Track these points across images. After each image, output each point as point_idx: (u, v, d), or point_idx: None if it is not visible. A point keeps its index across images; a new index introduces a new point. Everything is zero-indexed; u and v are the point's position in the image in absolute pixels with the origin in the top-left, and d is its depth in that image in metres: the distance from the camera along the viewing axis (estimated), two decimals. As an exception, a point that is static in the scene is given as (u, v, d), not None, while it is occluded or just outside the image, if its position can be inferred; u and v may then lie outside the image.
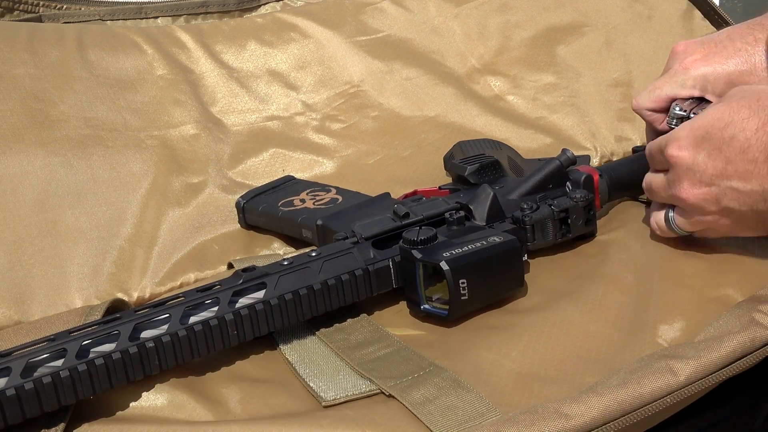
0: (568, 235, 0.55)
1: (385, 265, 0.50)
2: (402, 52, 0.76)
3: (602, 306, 0.49)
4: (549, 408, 0.38)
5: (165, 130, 0.67)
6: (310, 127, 0.71)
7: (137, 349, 0.43)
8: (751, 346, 0.41)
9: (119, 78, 0.67)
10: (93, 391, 0.42)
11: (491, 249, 0.49)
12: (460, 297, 0.47)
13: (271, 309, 0.47)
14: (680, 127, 0.49)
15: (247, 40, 0.73)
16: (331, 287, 0.49)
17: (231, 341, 0.46)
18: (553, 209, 0.54)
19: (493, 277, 0.49)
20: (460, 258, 0.48)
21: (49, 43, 0.66)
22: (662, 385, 0.39)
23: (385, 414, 0.41)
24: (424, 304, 0.49)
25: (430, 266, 0.48)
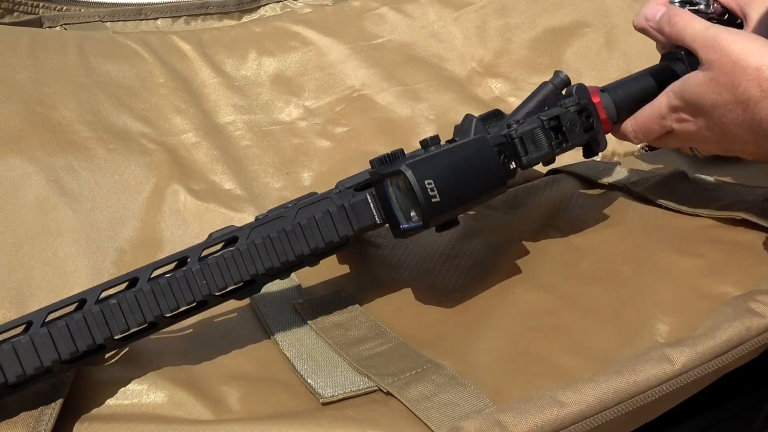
0: (564, 145, 0.52)
1: (362, 199, 0.49)
2: (402, 56, 0.76)
3: (600, 304, 0.49)
4: (544, 396, 0.38)
5: (166, 136, 0.67)
6: (312, 132, 0.71)
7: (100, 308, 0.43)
8: (746, 335, 0.41)
9: (120, 85, 0.68)
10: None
11: (456, 148, 0.47)
12: (430, 200, 0.46)
13: (241, 255, 0.45)
14: (672, 95, 0.53)
15: (247, 50, 0.74)
16: (304, 227, 0.47)
17: (202, 291, 0.45)
18: (542, 119, 0.52)
19: (465, 176, 0.47)
20: (422, 161, 0.46)
21: (51, 49, 0.66)
22: (658, 372, 0.39)
23: (385, 413, 0.41)
24: (403, 223, 0.47)
25: (398, 180, 0.47)
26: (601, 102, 0.55)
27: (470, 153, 0.47)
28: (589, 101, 0.54)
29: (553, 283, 0.52)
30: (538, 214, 0.62)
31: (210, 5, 0.79)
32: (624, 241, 0.56)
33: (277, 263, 0.47)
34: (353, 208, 0.48)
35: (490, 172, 0.48)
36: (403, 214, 0.47)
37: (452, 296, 0.53)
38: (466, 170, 0.47)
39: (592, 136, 0.54)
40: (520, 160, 0.51)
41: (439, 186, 0.46)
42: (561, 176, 0.67)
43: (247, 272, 0.46)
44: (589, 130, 0.53)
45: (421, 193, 0.46)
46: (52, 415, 0.42)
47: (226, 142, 0.69)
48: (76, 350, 0.43)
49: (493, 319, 0.49)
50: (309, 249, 0.47)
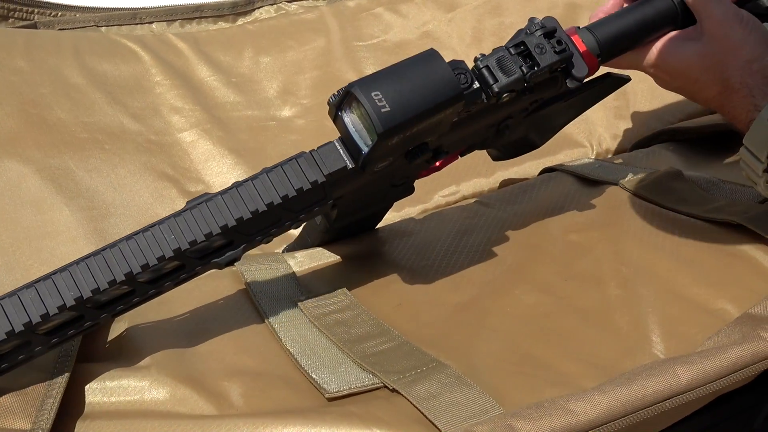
0: (536, 68, 0.51)
1: (329, 144, 0.48)
2: (397, 56, 0.76)
3: (599, 308, 0.49)
4: (555, 404, 0.39)
5: (163, 135, 0.67)
6: (309, 129, 0.72)
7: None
8: (752, 359, 0.42)
9: (116, 84, 0.68)
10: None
11: (403, 61, 0.47)
12: (380, 110, 0.45)
13: (208, 208, 0.45)
14: (657, 52, 0.55)
15: (244, 48, 0.74)
16: (271, 175, 0.47)
17: (171, 246, 0.44)
18: (506, 46, 0.51)
19: (413, 84, 0.46)
20: (368, 77, 0.46)
21: (46, 50, 0.67)
22: (664, 388, 0.40)
23: (388, 410, 0.42)
24: (363, 148, 0.47)
25: (350, 104, 0.46)
26: (578, 36, 0.55)
27: (418, 63, 0.46)
28: (557, 27, 0.53)
29: (552, 283, 0.52)
30: (534, 211, 0.62)
31: (205, 8, 0.79)
32: (621, 241, 0.56)
33: (248, 214, 0.46)
34: (321, 154, 0.48)
35: (441, 80, 0.46)
36: (362, 139, 0.47)
37: (451, 294, 0.53)
38: (414, 79, 0.46)
39: (566, 57, 0.52)
40: (490, 87, 0.50)
41: (387, 96, 0.45)
42: (556, 174, 0.67)
43: (217, 225, 0.45)
44: (561, 53, 0.52)
45: (369, 104, 0.45)
46: (54, 401, 0.42)
47: (223, 140, 0.69)
48: (47, 313, 0.42)
49: (493, 321, 0.50)
50: (279, 198, 0.47)
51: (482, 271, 0.55)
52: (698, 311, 0.48)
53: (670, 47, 0.54)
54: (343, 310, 0.50)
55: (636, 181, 0.62)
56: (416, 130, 0.47)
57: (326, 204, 0.49)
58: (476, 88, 0.49)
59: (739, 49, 0.51)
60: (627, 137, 0.75)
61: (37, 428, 0.41)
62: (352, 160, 0.48)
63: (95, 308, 0.45)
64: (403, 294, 0.54)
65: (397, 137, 0.46)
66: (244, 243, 0.47)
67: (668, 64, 0.55)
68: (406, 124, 0.46)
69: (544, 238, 0.58)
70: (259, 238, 0.48)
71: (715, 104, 0.54)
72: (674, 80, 0.55)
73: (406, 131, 0.47)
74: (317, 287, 0.54)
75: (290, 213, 0.48)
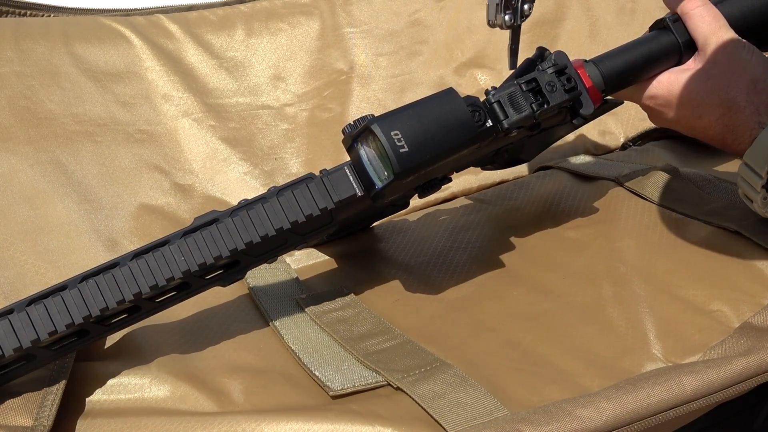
0: (546, 106, 0.51)
1: (340, 171, 0.48)
2: (388, 44, 0.76)
3: (598, 308, 0.50)
4: (562, 409, 0.39)
5: (153, 125, 0.66)
6: (300, 117, 0.71)
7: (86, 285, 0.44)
8: (756, 370, 0.42)
9: (107, 71, 0.66)
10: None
11: (423, 100, 0.47)
12: (399, 150, 0.45)
13: (219, 231, 0.45)
14: (658, 84, 0.56)
15: (234, 29, 0.73)
16: (282, 200, 0.47)
17: (180, 268, 0.45)
18: (518, 82, 0.51)
19: (432, 125, 0.46)
20: (388, 114, 0.47)
21: (35, 38, 0.65)
22: (670, 396, 0.40)
23: (390, 408, 0.42)
24: (378, 183, 0.47)
25: (368, 138, 0.47)
26: (585, 70, 0.55)
27: (437, 103, 0.47)
28: (568, 64, 0.54)
29: (550, 281, 0.53)
30: (531, 207, 0.63)
31: (197, 8, 0.78)
32: (618, 239, 0.57)
33: (257, 238, 0.46)
34: (331, 180, 0.48)
35: (458, 121, 0.47)
36: (377, 174, 0.47)
37: (449, 290, 0.54)
38: (433, 119, 0.47)
39: (575, 96, 0.53)
40: (501, 123, 0.50)
41: (407, 136, 0.46)
42: (551, 171, 0.68)
43: (226, 248, 0.46)
44: (570, 91, 0.53)
45: (388, 143, 0.45)
46: (55, 398, 0.42)
47: (215, 129, 0.68)
48: (55, 330, 0.42)
49: (491, 318, 0.50)
50: (289, 223, 0.47)
51: (479, 268, 0.56)
52: (694, 312, 0.49)
53: (672, 77, 0.56)
54: (344, 308, 0.51)
55: (633, 177, 0.63)
56: (431, 169, 0.48)
57: (332, 227, 0.50)
58: (489, 127, 0.50)
59: (744, 70, 0.53)
60: (617, 134, 0.76)
61: (38, 425, 0.41)
62: (362, 189, 0.49)
63: (100, 324, 0.45)
64: (401, 290, 0.54)
65: (412, 176, 0.47)
66: (249, 263, 0.48)
67: (670, 92, 0.55)
68: (423, 165, 0.47)
69: (540, 235, 0.59)
70: (265, 258, 0.48)
71: (716, 128, 0.54)
72: (673, 109, 0.55)
73: (422, 171, 0.47)
74: (317, 285, 0.55)
75: (297, 236, 0.49)
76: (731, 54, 0.53)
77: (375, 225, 0.62)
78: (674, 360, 0.45)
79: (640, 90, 0.57)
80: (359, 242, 0.60)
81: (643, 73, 0.57)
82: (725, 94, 0.53)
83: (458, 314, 0.51)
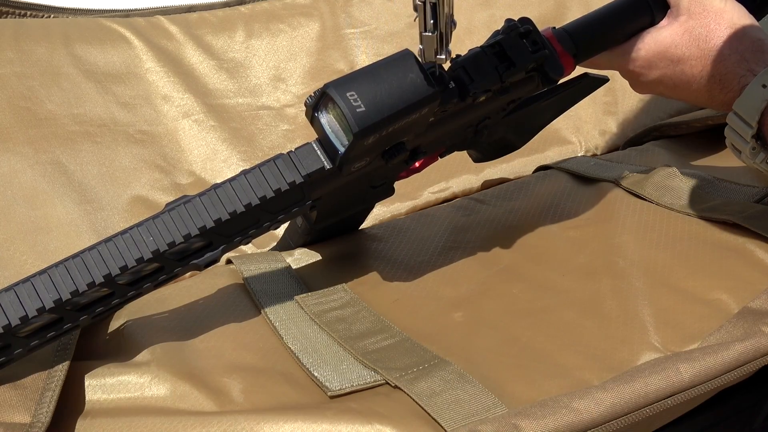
0: (513, 68, 0.51)
1: (306, 145, 0.48)
2: (388, 45, 0.77)
3: (596, 302, 0.50)
4: (559, 402, 0.39)
5: (154, 125, 0.67)
6: (300, 118, 0.71)
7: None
8: (754, 354, 0.42)
9: (107, 72, 0.67)
10: None
11: (377, 62, 0.47)
12: (355, 110, 0.45)
13: (187, 210, 0.45)
14: (635, 45, 0.54)
15: (235, 31, 0.73)
16: (249, 176, 0.47)
17: (149, 248, 0.44)
18: (482, 47, 0.51)
19: (387, 84, 0.46)
20: (343, 78, 0.46)
21: (35, 39, 0.65)
22: (667, 385, 0.40)
23: (389, 406, 0.42)
24: (339, 148, 0.47)
25: (326, 104, 0.46)
26: (553, 35, 0.55)
27: (392, 64, 0.47)
28: (533, 27, 0.53)
29: (549, 279, 0.53)
30: (530, 208, 0.63)
31: (197, 9, 0.78)
32: (617, 237, 0.57)
33: (225, 215, 0.46)
34: (298, 155, 0.48)
35: (414, 80, 0.47)
36: (338, 139, 0.47)
37: (448, 289, 0.54)
38: (388, 79, 0.46)
39: (541, 57, 0.52)
40: (467, 87, 0.50)
41: (362, 95, 0.45)
42: (551, 171, 0.68)
43: (195, 226, 0.45)
44: (536, 53, 0.52)
45: (344, 104, 0.45)
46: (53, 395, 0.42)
47: (215, 129, 0.69)
48: (26, 315, 0.42)
49: (491, 316, 0.50)
50: (257, 198, 0.47)
51: (479, 267, 0.56)
52: (694, 302, 0.48)
53: (648, 36, 0.54)
54: (344, 307, 0.51)
55: (632, 178, 0.63)
56: (392, 130, 0.47)
57: (305, 205, 0.49)
58: (451, 88, 0.49)
59: (720, 17, 0.51)
60: (616, 134, 0.76)
61: (36, 421, 0.41)
62: (330, 160, 0.48)
63: (74, 310, 0.45)
64: (401, 290, 0.54)
65: (372, 137, 0.47)
66: (223, 244, 0.48)
67: (648, 51, 0.54)
68: (382, 124, 0.46)
69: (540, 234, 0.58)
70: (238, 239, 0.48)
71: (701, 82, 0.52)
72: (654, 69, 0.54)
73: (381, 131, 0.47)
74: (316, 284, 0.55)
75: (269, 214, 0.48)
76: (704, 3, 0.52)
77: (375, 225, 0.63)
78: (673, 349, 0.45)
79: (616, 55, 0.56)
80: (359, 242, 0.60)
81: (614, 34, 0.56)
82: (705, 44, 0.51)
83: (457, 312, 0.51)
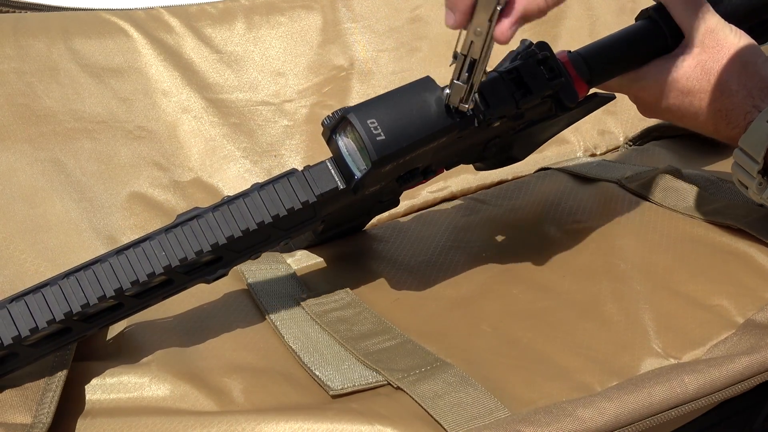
0: (529, 96, 0.51)
1: (321, 164, 0.48)
2: (389, 39, 0.76)
3: (597, 305, 0.50)
4: (564, 410, 0.40)
5: (153, 122, 0.66)
6: (300, 114, 0.71)
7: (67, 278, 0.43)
8: (759, 369, 0.42)
9: (106, 67, 0.66)
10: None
11: (399, 89, 0.47)
12: (375, 138, 0.45)
13: (199, 226, 0.45)
14: (646, 73, 0.55)
15: (235, 23, 0.73)
16: (263, 193, 0.47)
17: (161, 263, 0.44)
18: (500, 71, 0.51)
19: (409, 113, 0.46)
20: (365, 103, 0.46)
21: (34, 34, 0.65)
22: (672, 396, 0.40)
23: (390, 407, 0.42)
24: (357, 173, 0.47)
25: (346, 129, 0.46)
26: (568, 60, 0.55)
27: (413, 91, 0.47)
28: (550, 54, 0.53)
29: (549, 279, 0.53)
30: (531, 208, 0.63)
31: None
32: (618, 238, 0.57)
33: (238, 232, 0.46)
34: (312, 174, 0.48)
35: (435, 109, 0.47)
36: (356, 164, 0.47)
37: (449, 289, 0.54)
38: (409, 108, 0.46)
39: (557, 85, 0.52)
40: (482, 112, 0.50)
41: (383, 124, 0.45)
42: (552, 172, 0.67)
43: (207, 242, 0.45)
44: (553, 80, 0.52)
45: (365, 132, 0.45)
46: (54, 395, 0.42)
47: (214, 125, 0.68)
48: (36, 327, 0.42)
49: (491, 316, 0.50)
50: (270, 217, 0.47)
51: (479, 267, 0.56)
52: (695, 307, 0.49)
53: (660, 65, 0.55)
54: (345, 308, 0.51)
55: (634, 178, 0.63)
56: (410, 158, 0.48)
57: (315, 222, 0.50)
58: (470, 116, 0.49)
59: (734, 53, 0.52)
60: (615, 134, 0.76)
61: (37, 422, 0.41)
62: (344, 181, 0.48)
63: (83, 321, 0.45)
64: (401, 290, 0.54)
65: (390, 165, 0.47)
66: (233, 259, 0.48)
67: (658, 80, 0.54)
68: (400, 153, 0.47)
69: (541, 234, 0.59)
70: (248, 254, 0.48)
71: (708, 114, 0.53)
72: (663, 98, 0.55)
73: (399, 159, 0.47)
74: (317, 285, 0.55)
75: (280, 231, 0.48)
76: (719, 37, 0.52)
77: (375, 226, 0.63)
78: (674, 354, 0.45)
79: (628, 80, 0.56)
80: (359, 242, 0.60)
81: (629, 61, 0.56)
82: (715, 79, 0.52)
83: (458, 313, 0.51)
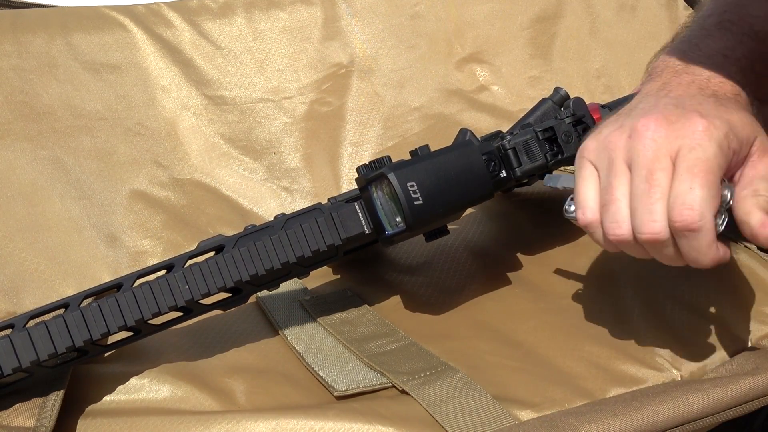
0: (560, 156, 0.52)
1: (350, 208, 0.48)
2: (389, 37, 0.76)
3: (600, 310, 0.50)
4: (569, 424, 0.40)
5: (153, 120, 0.66)
6: (298, 111, 0.71)
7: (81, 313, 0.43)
8: (763, 391, 0.43)
9: (105, 63, 0.66)
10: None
11: (441, 153, 0.47)
12: (413, 202, 0.46)
13: (225, 262, 0.46)
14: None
15: (235, 18, 0.72)
16: (290, 234, 0.47)
17: (184, 297, 0.45)
18: (535, 129, 0.51)
19: (448, 179, 0.47)
20: (405, 164, 0.47)
21: (33, 30, 0.64)
22: (677, 414, 0.41)
23: (392, 409, 0.42)
24: (388, 229, 0.47)
25: (383, 185, 0.47)
26: (601, 118, 0.55)
27: (454, 157, 0.47)
28: (586, 114, 0.53)
29: (552, 282, 0.53)
30: (533, 208, 0.63)
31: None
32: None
33: (262, 270, 0.46)
34: (341, 216, 0.48)
35: (475, 178, 0.48)
36: (388, 219, 0.47)
37: (451, 291, 0.54)
38: (449, 174, 0.47)
39: None
40: (513, 170, 0.51)
41: (422, 188, 0.46)
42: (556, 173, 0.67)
43: (231, 279, 0.46)
44: None
45: (403, 195, 0.46)
46: (57, 398, 0.42)
47: (213, 123, 0.68)
48: (55, 352, 0.43)
49: (493, 319, 0.50)
50: (295, 257, 0.47)
51: (481, 269, 0.56)
52: (696, 317, 0.49)
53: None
54: (348, 310, 0.51)
55: None
56: (443, 221, 0.48)
57: (336, 260, 0.50)
58: (503, 177, 0.50)
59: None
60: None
61: (40, 425, 0.41)
62: (371, 227, 0.49)
63: (100, 346, 0.45)
64: (404, 291, 0.54)
65: (424, 228, 0.48)
66: (252, 292, 0.48)
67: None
68: (437, 217, 0.47)
69: (542, 235, 0.59)
70: (267, 286, 0.49)
71: None
72: None
73: (434, 224, 0.48)
74: (321, 287, 0.55)
75: (301, 268, 0.49)
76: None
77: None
78: (676, 365, 0.46)
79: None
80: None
81: None
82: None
83: (460, 314, 0.51)
